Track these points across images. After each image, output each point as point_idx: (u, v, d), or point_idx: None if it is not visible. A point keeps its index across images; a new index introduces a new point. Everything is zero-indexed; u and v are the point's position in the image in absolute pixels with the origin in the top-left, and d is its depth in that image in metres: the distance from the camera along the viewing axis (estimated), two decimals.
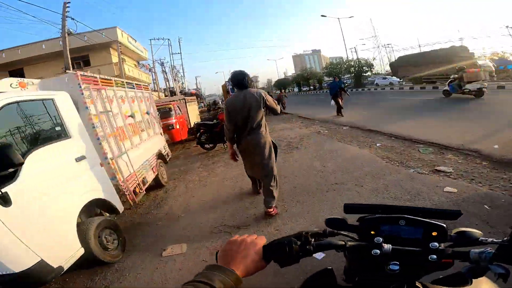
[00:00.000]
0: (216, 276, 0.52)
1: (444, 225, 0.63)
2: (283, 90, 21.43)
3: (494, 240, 0.56)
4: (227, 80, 15.86)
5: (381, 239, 0.63)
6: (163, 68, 33.28)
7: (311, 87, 49.20)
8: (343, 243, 0.63)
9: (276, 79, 72.01)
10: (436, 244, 0.60)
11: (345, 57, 37.37)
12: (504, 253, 0.53)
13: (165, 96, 31.14)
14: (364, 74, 34.93)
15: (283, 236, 0.64)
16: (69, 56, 10.41)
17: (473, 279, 0.58)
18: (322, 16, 31.10)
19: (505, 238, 0.55)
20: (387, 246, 0.62)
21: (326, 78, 42.56)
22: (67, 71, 3.32)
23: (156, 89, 29.42)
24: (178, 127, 9.02)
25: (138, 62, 26.66)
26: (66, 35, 10.55)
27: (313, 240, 0.62)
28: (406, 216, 0.66)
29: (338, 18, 31.73)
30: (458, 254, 0.59)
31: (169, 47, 36.92)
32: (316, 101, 21.58)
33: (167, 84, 32.91)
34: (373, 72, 38.63)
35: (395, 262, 0.60)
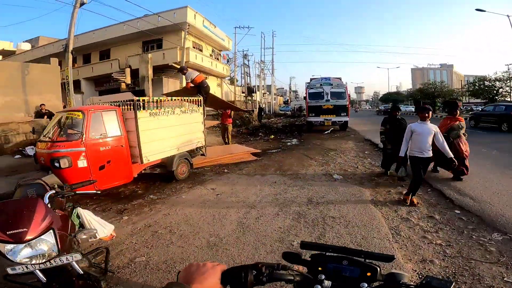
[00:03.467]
0: None
1: (378, 267, 0.82)
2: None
3: (411, 285, 0.74)
4: (307, 83, 15.96)
5: (323, 276, 0.81)
6: (245, 61, 32.24)
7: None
8: (292, 277, 0.77)
9: (386, 92, 64.80)
10: (365, 284, 0.78)
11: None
12: None
13: (242, 93, 31.97)
14: None
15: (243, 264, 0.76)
16: None
17: None
18: (478, 10, 21.63)
19: (419, 283, 0.71)
20: (327, 283, 0.79)
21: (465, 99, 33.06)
22: None
23: (233, 82, 30.34)
24: (83, 165, 4.36)
25: (220, 52, 26.64)
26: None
27: (267, 271, 0.74)
28: (348, 256, 0.86)
29: (508, 16, 21.36)
30: None
31: (262, 40, 36.09)
32: None
33: (246, 79, 32.56)
34: None
35: None
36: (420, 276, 2.52)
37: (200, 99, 6.80)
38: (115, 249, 3.17)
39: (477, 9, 21.56)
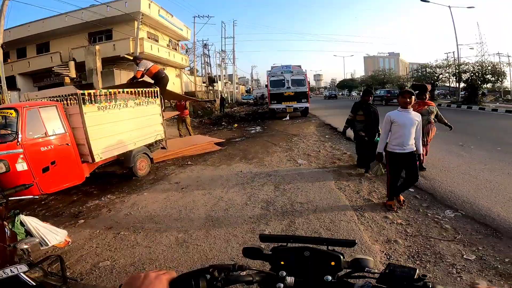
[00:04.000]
0: None
1: (340, 255, 0.76)
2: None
3: (376, 271, 0.70)
4: (268, 71, 16.13)
5: (284, 273, 0.73)
6: (205, 51, 31.44)
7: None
8: (251, 278, 0.69)
9: (342, 79, 68.61)
10: (330, 277, 0.72)
11: (452, 56, 28.03)
12: (381, 284, 0.65)
13: (203, 83, 31.17)
14: (484, 85, 24.53)
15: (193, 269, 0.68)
16: None
17: None
18: (422, 0, 23.43)
19: (383, 271, 0.66)
20: (290, 280, 0.72)
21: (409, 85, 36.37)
22: None
23: (194, 73, 29.40)
24: (22, 168, 3.84)
25: (178, 42, 25.67)
26: None
27: (222, 275, 0.66)
28: (309, 246, 0.80)
29: (449, 6, 24.36)
30: (345, 286, 0.71)
31: (222, 29, 35.49)
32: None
33: (206, 69, 31.92)
34: (496, 86, 28.70)
35: None
36: (387, 258, 2.60)
37: (157, 90, 6.34)
38: (74, 255, 2.89)
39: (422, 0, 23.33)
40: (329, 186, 4.55)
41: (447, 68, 26.84)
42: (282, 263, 0.78)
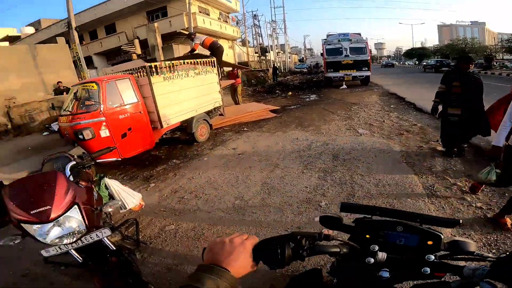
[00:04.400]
0: (209, 279, 0.51)
1: (441, 235, 0.67)
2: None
3: (490, 256, 0.60)
4: (324, 40, 15.51)
5: (376, 247, 0.66)
6: (255, 22, 31.10)
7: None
8: (338, 249, 0.64)
9: (409, 48, 58.99)
10: (432, 257, 0.63)
11: None
12: (498, 271, 0.55)
13: (256, 53, 30.77)
14: None
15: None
16: None
17: None
18: None
19: (502, 255, 0.57)
20: (381, 255, 0.65)
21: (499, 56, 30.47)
22: None
23: (245, 43, 29.20)
24: (105, 134, 4.29)
25: (228, 15, 25.72)
26: None
27: (307, 243, 0.62)
28: (403, 221, 0.69)
29: None
30: (451, 268, 0.62)
31: None
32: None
33: (257, 40, 31.46)
34: None
35: (386, 269, 0.64)
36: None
37: (214, 60, 6.53)
38: (145, 218, 3.09)
39: None
40: (395, 159, 4.11)
41: None
42: (367, 236, 0.70)
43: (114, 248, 1.75)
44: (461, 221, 0.71)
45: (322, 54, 15.30)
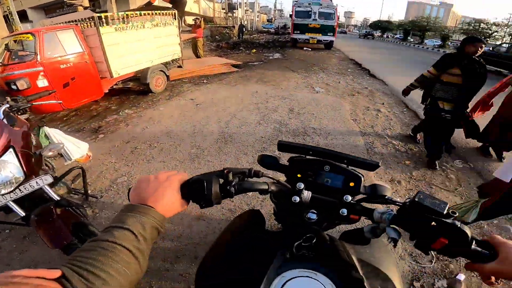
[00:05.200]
0: (131, 217, 0.47)
1: (362, 176, 0.70)
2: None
3: (398, 200, 0.60)
4: (294, 1, 14.84)
5: (302, 185, 0.65)
6: None
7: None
8: (266, 186, 0.61)
9: (376, 20, 60.64)
10: (349, 197, 0.63)
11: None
12: (400, 216, 0.56)
13: (222, 9, 28.51)
14: None
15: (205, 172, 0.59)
16: None
17: (372, 238, 0.63)
18: None
19: (406, 201, 0.56)
20: (306, 194, 0.65)
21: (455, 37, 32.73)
22: None
23: None
24: (43, 84, 3.95)
25: None
26: None
27: (236, 179, 0.59)
28: (331, 161, 0.71)
29: None
30: (364, 211, 0.62)
31: None
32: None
33: None
34: None
35: (313, 211, 0.65)
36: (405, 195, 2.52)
37: (174, 12, 6.07)
38: (94, 171, 2.84)
39: None
40: (344, 116, 4.37)
41: (505, 27, 24.33)
42: (299, 175, 0.71)
43: (57, 198, 1.57)
44: (380, 163, 0.73)
45: (291, 16, 14.85)
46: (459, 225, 0.51)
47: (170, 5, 6.99)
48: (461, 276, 1.73)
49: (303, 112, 4.39)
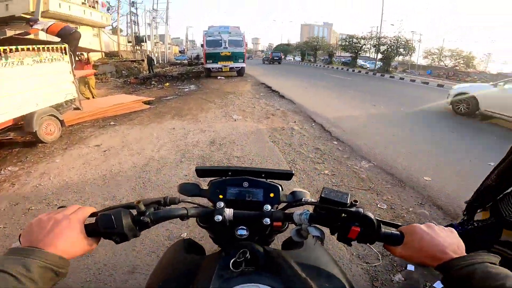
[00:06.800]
0: (10, 260, 0.42)
1: (279, 186, 0.73)
2: None
3: (313, 200, 0.63)
4: (205, 31, 15.18)
5: (222, 204, 0.64)
6: (133, 9, 27.56)
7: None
8: (185, 211, 0.61)
9: (278, 43, 71.37)
10: (269, 206, 0.65)
11: (376, 30, 29.75)
12: (314, 215, 0.58)
13: (129, 42, 27.17)
14: (397, 57, 27.90)
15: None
16: None
17: (305, 241, 0.65)
18: None
19: (319, 197, 0.58)
20: (228, 211, 0.63)
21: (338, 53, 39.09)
22: None
23: (117, 32, 25.45)
24: None
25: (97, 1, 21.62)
26: None
27: (152, 209, 0.57)
28: (249, 177, 0.73)
29: None
30: (285, 217, 0.63)
31: None
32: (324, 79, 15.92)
33: (133, 28, 27.72)
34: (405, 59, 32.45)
35: (242, 227, 0.64)
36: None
37: (65, 47, 5.22)
38: None
39: None
40: (264, 139, 4.51)
41: (370, 40, 29.61)
42: (220, 196, 0.71)
43: None
44: (293, 171, 0.79)
45: (202, 45, 15.14)
46: (362, 212, 0.54)
47: (57, 39, 6.07)
48: (411, 267, 1.88)
49: (224, 143, 4.33)
